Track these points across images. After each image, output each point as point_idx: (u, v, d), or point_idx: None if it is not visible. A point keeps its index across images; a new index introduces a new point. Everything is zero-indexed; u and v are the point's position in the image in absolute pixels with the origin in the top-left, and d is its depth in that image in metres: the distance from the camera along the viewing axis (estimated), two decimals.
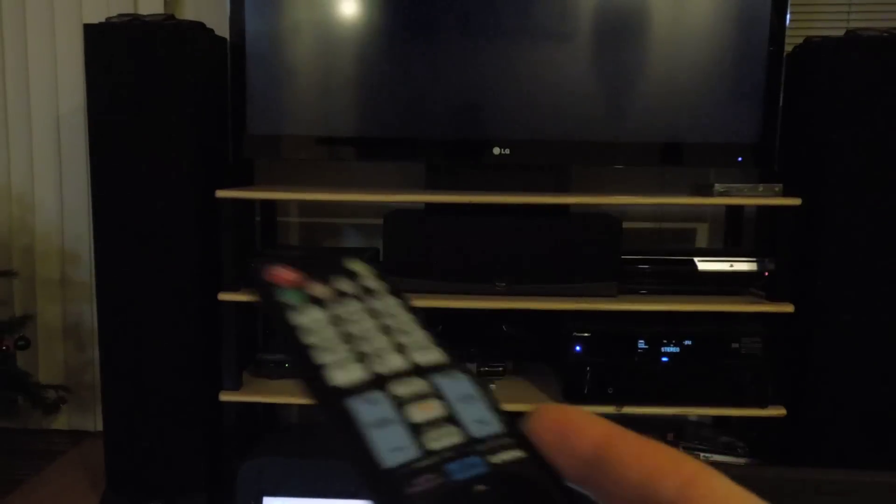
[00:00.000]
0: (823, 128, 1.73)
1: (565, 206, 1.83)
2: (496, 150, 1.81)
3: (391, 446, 0.19)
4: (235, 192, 1.73)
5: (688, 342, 1.70)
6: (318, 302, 0.22)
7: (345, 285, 0.23)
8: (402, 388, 0.20)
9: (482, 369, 1.82)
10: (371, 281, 0.24)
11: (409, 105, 1.83)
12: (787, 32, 1.77)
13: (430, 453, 0.19)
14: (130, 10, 2.03)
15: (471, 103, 1.84)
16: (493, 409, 0.20)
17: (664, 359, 1.70)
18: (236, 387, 1.77)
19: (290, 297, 0.22)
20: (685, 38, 1.79)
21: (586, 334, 1.71)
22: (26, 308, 2.18)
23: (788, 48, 1.80)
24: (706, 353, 1.70)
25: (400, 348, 0.22)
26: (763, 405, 1.70)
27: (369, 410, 0.20)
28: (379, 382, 0.20)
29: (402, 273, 1.74)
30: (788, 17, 1.76)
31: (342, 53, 1.84)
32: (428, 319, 0.23)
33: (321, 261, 0.24)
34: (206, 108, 1.78)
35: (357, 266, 0.24)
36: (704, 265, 1.76)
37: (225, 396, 1.75)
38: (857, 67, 1.69)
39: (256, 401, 1.79)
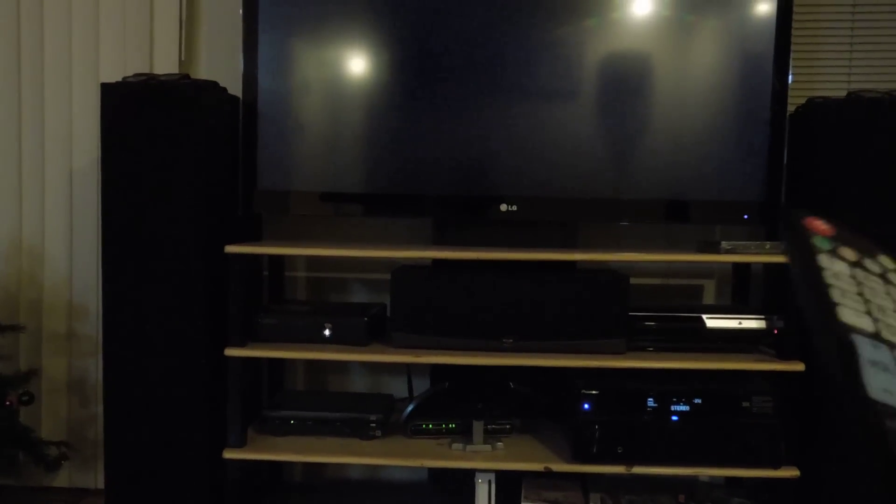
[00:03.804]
0: (827, 186, 1.74)
1: (572, 263, 1.83)
2: (503, 207, 1.83)
3: (882, 387, 0.20)
4: (244, 247, 1.74)
5: (697, 400, 1.68)
6: (844, 260, 0.25)
7: (871, 264, 0.25)
8: None
9: (489, 427, 1.80)
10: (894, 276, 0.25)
11: (416, 162, 1.86)
12: (790, 92, 1.80)
13: None
14: (146, 70, 2.08)
15: (477, 160, 1.86)
16: None
17: (674, 417, 1.68)
18: (241, 444, 1.75)
19: (820, 243, 0.25)
20: (689, 98, 1.82)
21: (594, 392, 1.69)
22: (31, 362, 2.17)
23: (791, 108, 1.83)
24: (717, 411, 1.68)
25: None
26: (776, 466, 1.66)
27: (872, 351, 0.21)
28: (885, 342, 0.22)
29: (409, 329, 1.74)
30: (791, 77, 1.80)
31: (351, 112, 1.87)
32: None
33: (856, 236, 0.26)
34: (218, 164, 1.81)
35: (886, 260, 0.26)
36: (713, 322, 1.75)
37: (229, 454, 1.73)
38: (858, 127, 1.72)
39: (261, 458, 1.76)
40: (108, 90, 1.75)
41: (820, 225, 0.26)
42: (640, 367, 1.69)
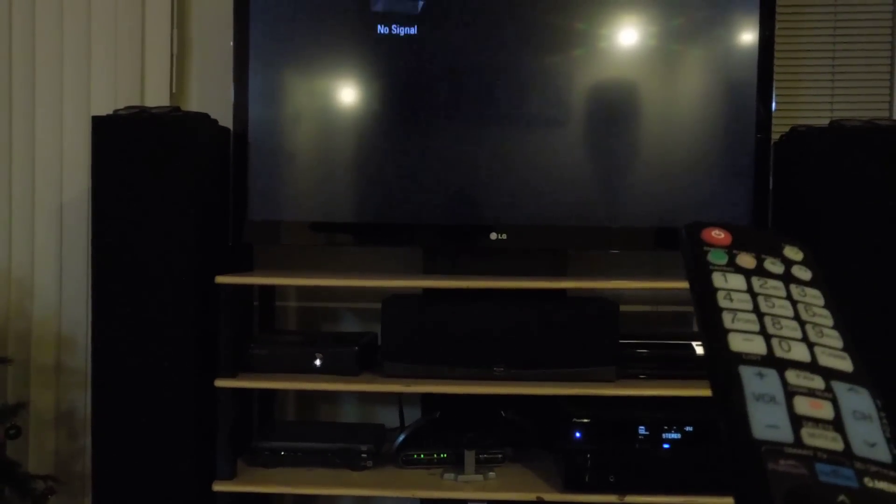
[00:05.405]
0: (812, 213, 1.76)
1: (562, 291, 1.84)
2: (493, 236, 1.84)
3: (766, 422, 0.19)
4: (235, 277, 1.74)
5: (689, 428, 1.67)
6: (742, 270, 0.23)
7: (772, 265, 0.24)
8: (797, 379, 0.21)
9: (481, 456, 1.79)
10: (800, 269, 0.24)
11: (406, 191, 1.87)
12: (774, 121, 1.83)
13: (802, 445, 0.19)
14: (138, 102, 2.10)
15: (467, 189, 1.88)
16: (889, 439, 0.20)
17: (666, 445, 1.68)
18: (230, 476, 1.73)
19: (716, 258, 0.24)
20: (677, 126, 1.85)
21: (586, 420, 1.69)
22: (19, 395, 2.15)
23: (776, 136, 1.86)
24: (708, 439, 1.68)
25: (808, 342, 0.22)
26: None
27: (758, 383, 0.20)
28: (776, 363, 0.21)
29: (400, 358, 1.74)
30: (774, 105, 1.83)
31: (341, 142, 1.89)
32: (844, 319, 0.23)
33: (758, 234, 0.25)
34: (209, 195, 1.82)
35: (791, 251, 0.25)
36: (702, 349, 1.76)
37: (218, 486, 1.71)
38: (841, 155, 1.74)
39: (251, 491, 1.75)
40: (99, 123, 1.76)
41: (716, 235, 0.24)
42: (631, 394, 1.69)
